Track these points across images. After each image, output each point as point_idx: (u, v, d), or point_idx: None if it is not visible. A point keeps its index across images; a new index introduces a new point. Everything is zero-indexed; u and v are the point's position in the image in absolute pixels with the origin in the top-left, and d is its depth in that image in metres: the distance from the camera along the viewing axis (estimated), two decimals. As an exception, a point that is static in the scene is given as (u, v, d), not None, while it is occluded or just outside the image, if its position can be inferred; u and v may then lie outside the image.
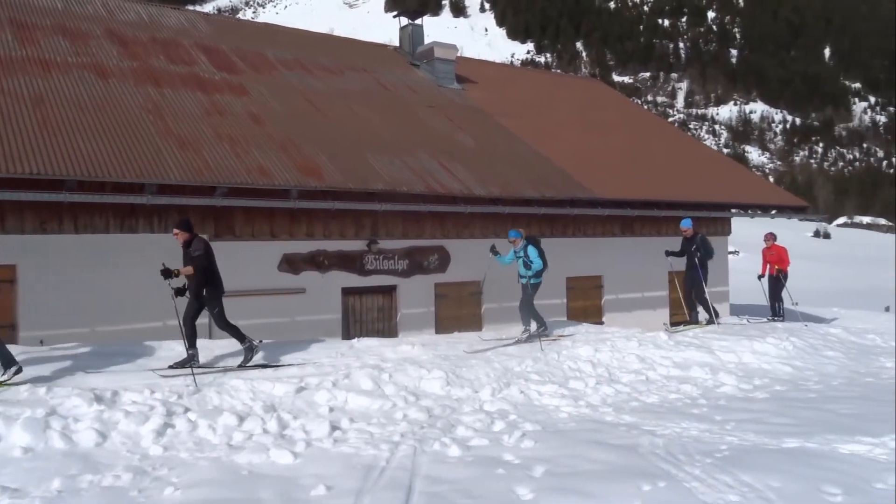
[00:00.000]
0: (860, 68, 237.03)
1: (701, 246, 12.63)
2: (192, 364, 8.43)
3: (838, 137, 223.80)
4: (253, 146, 11.10)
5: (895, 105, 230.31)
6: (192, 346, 8.58)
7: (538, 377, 9.56)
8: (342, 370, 8.86)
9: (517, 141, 15.73)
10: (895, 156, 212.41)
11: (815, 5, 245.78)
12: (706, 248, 12.70)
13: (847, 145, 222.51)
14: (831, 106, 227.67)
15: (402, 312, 12.76)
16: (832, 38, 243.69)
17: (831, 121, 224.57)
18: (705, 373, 10.42)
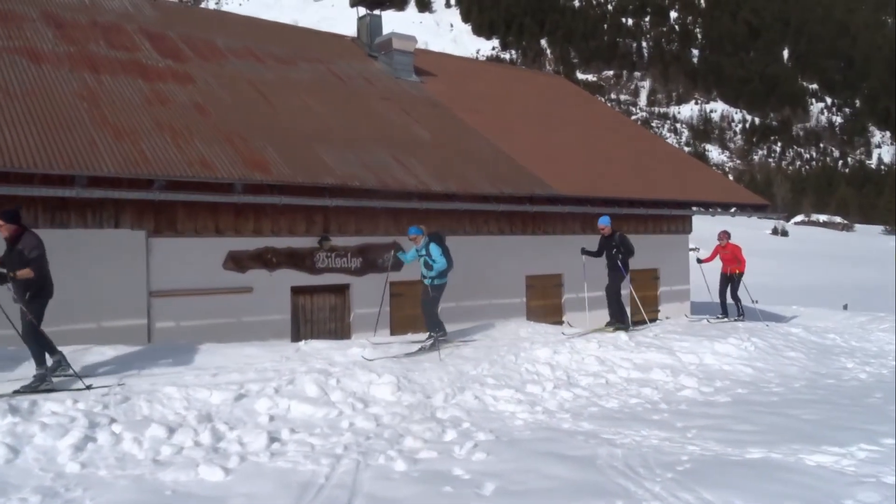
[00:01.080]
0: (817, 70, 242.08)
1: (620, 244, 12.23)
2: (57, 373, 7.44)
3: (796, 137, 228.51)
4: (196, 137, 10.49)
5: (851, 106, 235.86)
6: (54, 352, 7.53)
7: (494, 381, 9.17)
8: (286, 375, 8.35)
9: (476, 136, 15.31)
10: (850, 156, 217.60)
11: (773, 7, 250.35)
12: (626, 246, 12.27)
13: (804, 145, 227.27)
14: (789, 106, 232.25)
15: (356, 312, 12.26)
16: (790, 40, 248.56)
17: (789, 120, 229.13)
18: (666, 375, 10.15)
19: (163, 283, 10.27)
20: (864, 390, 9.80)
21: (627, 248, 12.31)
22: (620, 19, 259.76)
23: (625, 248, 12.27)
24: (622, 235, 12.39)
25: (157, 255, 10.25)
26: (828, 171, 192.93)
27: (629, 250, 12.33)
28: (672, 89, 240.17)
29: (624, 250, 12.26)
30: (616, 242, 12.24)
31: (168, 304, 10.30)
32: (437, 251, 10.08)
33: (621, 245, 12.24)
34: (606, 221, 12.39)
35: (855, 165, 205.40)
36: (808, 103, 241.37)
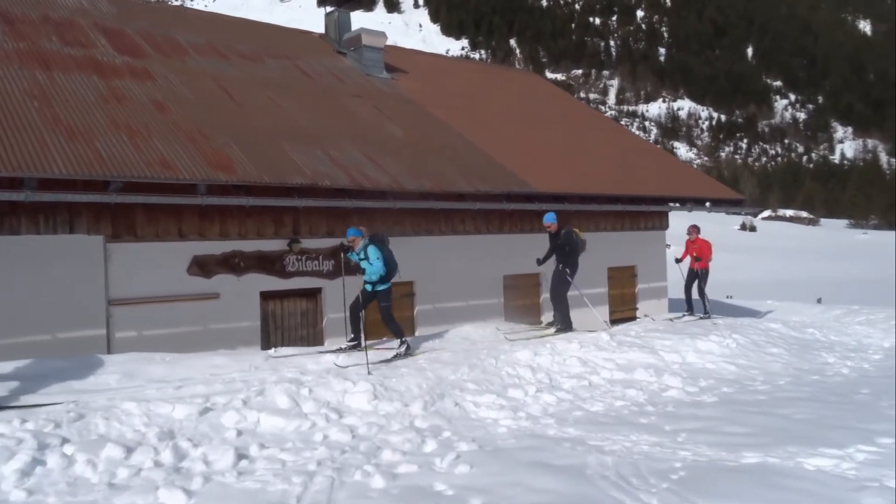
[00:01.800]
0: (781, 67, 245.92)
1: (566, 242, 11.49)
2: None
3: (761, 133, 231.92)
4: (155, 136, 9.96)
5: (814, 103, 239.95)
6: None
7: (475, 386, 8.80)
8: (255, 386, 7.88)
9: (450, 132, 14.94)
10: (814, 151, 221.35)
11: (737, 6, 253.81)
12: (571, 244, 11.52)
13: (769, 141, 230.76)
14: (754, 103, 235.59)
15: (329, 317, 11.81)
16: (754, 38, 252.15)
17: (754, 117, 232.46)
18: (650, 375, 9.87)
19: (123, 290, 9.74)
20: (850, 386, 9.62)
21: (572, 246, 11.54)
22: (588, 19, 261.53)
23: (570, 247, 11.51)
24: (568, 232, 11.57)
25: (115, 261, 9.71)
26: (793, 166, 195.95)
27: (574, 248, 11.56)
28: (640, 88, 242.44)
29: (569, 249, 11.51)
30: (562, 241, 11.54)
31: (129, 313, 9.77)
32: (374, 254, 9.35)
33: (566, 244, 11.50)
34: (551, 218, 11.73)
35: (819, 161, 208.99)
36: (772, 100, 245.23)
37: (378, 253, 9.39)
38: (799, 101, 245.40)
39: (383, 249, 9.52)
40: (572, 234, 11.56)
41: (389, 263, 9.60)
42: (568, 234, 11.53)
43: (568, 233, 11.54)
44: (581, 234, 11.72)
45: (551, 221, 11.69)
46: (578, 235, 11.67)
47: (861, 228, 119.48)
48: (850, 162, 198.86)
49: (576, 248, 11.57)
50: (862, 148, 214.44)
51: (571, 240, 11.49)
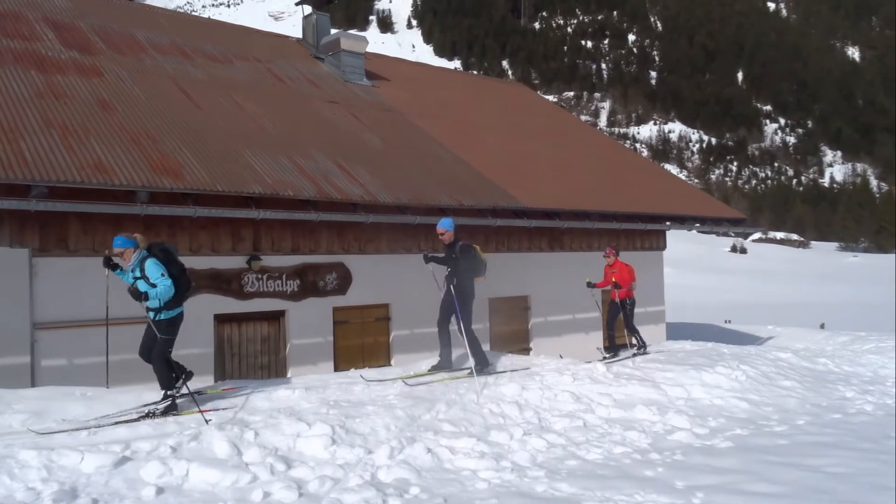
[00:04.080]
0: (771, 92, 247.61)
1: (461, 257, 9.08)
2: None
3: (751, 157, 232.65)
4: (93, 137, 8.78)
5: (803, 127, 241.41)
6: None
7: (452, 427, 7.59)
8: (190, 428, 6.64)
9: (433, 143, 13.82)
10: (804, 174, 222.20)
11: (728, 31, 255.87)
12: (467, 262, 9.08)
13: (759, 164, 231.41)
14: (744, 126, 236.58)
15: (293, 343, 10.58)
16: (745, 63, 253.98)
17: (745, 141, 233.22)
18: (652, 413, 8.69)
19: (51, 312, 8.50)
20: (879, 428, 8.44)
21: (468, 264, 9.09)
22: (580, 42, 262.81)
23: (465, 265, 9.06)
24: (466, 246, 9.17)
25: (43, 277, 8.48)
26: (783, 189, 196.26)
27: (470, 268, 9.14)
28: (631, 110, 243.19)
29: (463, 267, 9.06)
30: (456, 255, 9.12)
31: (57, 339, 8.52)
32: (155, 270, 6.98)
33: (461, 258, 9.07)
34: (446, 225, 9.28)
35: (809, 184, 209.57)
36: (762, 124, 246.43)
37: (161, 268, 7.02)
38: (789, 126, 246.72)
39: (171, 264, 7.21)
40: (470, 252, 9.21)
41: (180, 282, 7.27)
42: (465, 249, 9.15)
43: (464, 248, 9.16)
44: (483, 254, 9.47)
45: (446, 228, 9.24)
46: (479, 255, 9.36)
47: (851, 251, 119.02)
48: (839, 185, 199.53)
49: (472, 268, 9.18)
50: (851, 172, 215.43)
51: (467, 256, 9.11)
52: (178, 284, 7.22)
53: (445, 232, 9.28)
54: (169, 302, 7.19)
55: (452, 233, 9.30)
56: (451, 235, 9.30)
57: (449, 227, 9.33)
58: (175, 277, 7.17)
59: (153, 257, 7.11)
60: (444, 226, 9.33)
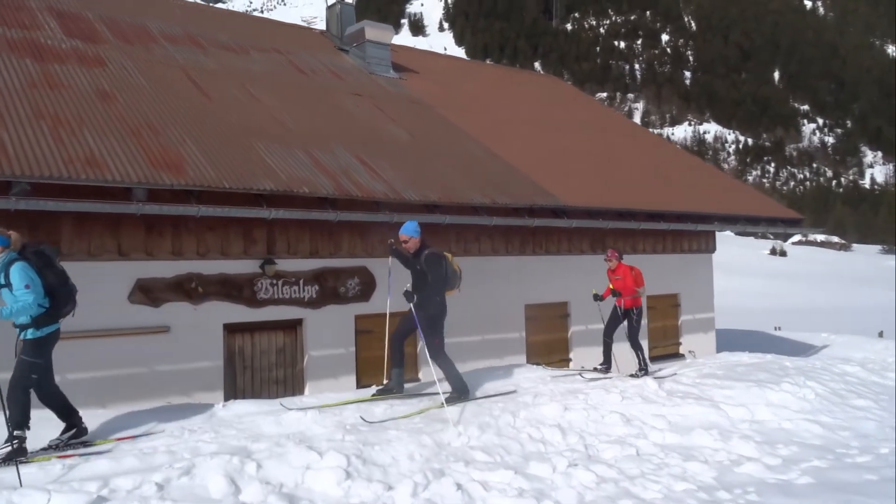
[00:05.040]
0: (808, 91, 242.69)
1: (427, 269, 7.68)
2: None
3: (789, 157, 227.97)
4: (88, 128, 7.95)
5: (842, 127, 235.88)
6: None
7: (485, 457, 6.59)
8: (183, 460, 5.73)
9: (464, 137, 12.83)
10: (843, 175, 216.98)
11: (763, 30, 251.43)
12: (436, 272, 7.70)
13: (797, 165, 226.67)
14: (781, 127, 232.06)
15: (311, 355, 9.66)
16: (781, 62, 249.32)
17: (782, 141, 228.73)
18: (713, 439, 7.58)
19: (41, 322, 7.67)
20: (979, 458, 7.22)
21: (435, 275, 7.68)
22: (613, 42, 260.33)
23: (432, 276, 7.66)
24: (432, 256, 7.74)
25: (33, 284, 7.65)
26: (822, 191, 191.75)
27: (438, 280, 7.72)
28: (665, 111, 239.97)
29: (431, 279, 7.67)
30: (421, 265, 7.75)
31: (49, 351, 7.68)
32: (21, 277, 5.61)
33: (427, 272, 7.68)
34: (410, 230, 7.84)
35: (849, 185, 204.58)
36: (799, 124, 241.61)
37: (28, 277, 5.63)
38: (827, 125, 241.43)
39: (47, 271, 5.86)
40: (437, 261, 7.77)
41: (58, 294, 5.91)
42: (431, 259, 7.70)
43: (431, 257, 7.71)
44: (455, 264, 8.07)
45: (409, 234, 7.81)
46: (450, 264, 7.98)
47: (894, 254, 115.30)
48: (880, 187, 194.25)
49: (440, 280, 7.77)
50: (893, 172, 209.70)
51: (434, 267, 7.69)
52: (54, 297, 5.87)
53: (409, 239, 7.80)
54: (40, 317, 5.80)
55: (418, 239, 7.85)
56: (416, 243, 7.85)
57: (413, 232, 7.84)
58: (51, 288, 5.84)
59: (23, 261, 5.70)
60: (407, 231, 7.82)
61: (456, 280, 8.07)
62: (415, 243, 7.84)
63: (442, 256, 7.92)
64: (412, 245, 7.84)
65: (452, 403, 7.72)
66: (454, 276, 8.04)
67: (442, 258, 7.89)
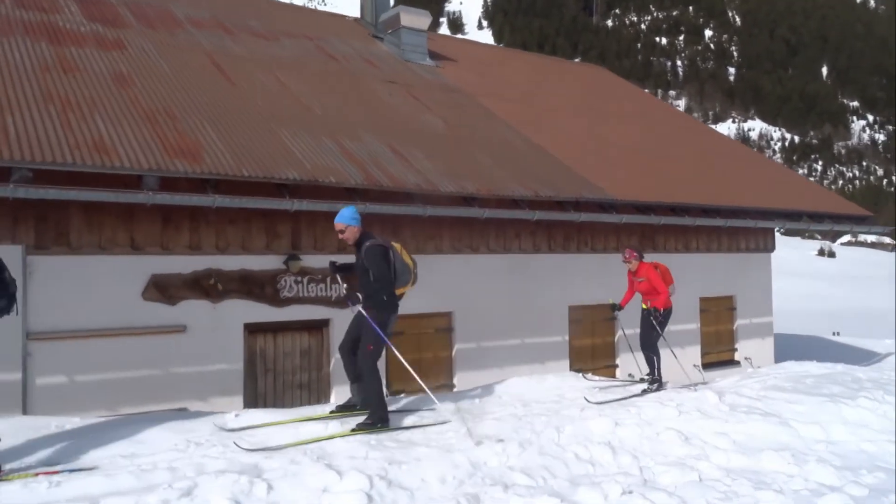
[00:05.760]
0: (858, 87, 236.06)
1: (369, 263, 6.35)
2: None
3: (837, 155, 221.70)
4: (99, 113, 7.40)
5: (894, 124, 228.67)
6: None
7: (527, 479, 5.81)
8: (185, 478, 5.07)
9: (503, 127, 12.05)
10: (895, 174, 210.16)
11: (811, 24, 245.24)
12: (380, 266, 6.33)
13: (846, 163, 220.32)
14: (829, 124, 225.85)
15: (338, 358, 8.97)
16: (829, 57, 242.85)
17: (830, 138, 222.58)
18: (786, 463, 6.65)
19: (48, 320, 7.13)
20: None
21: (379, 271, 6.32)
22: (654, 38, 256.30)
23: (375, 273, 6.33)
24: (374, 249, 6.37)
25: (39, 279, 7.12)
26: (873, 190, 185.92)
27: (382, 276, 6.34)
28: (708, 108, 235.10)
29: (374, 276, 6.33)
30: (362, 261, 6.46)
31: (56, 352, 7.15)
32: None
33: (370, 266, 6.36)
34: (345, 218, 6.43)
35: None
36: (849, 121, 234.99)
37: None
38: (877, 122, 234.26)
39: None
40: (381, 253, 6.40)
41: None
42: (373, 252, 6.35)
43: (372, 250, 6.36)
44: (406, 256, 6.73)
45: (345, 223, 6.42)
46: (400, 257, 6.65)
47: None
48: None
49: (386, 276, 6.39)
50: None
51: (377, 261, 6.33)
52: None
53: (346, 228, 6.39)
54: None
55: (357, 228, 6.45)
56: (354, 232, 6.45)
57: (350, 220, 6.41)
58: None
59: None
60: (342, 219, 6.39)
61: (409, 275, 6.66)
62: (353, 233, 6.43)
63: (387, 247, 6.51)
64: (350, 235, 6.44)
65: (363, 432, 6.25)
66: (406, 270, 6.63)
67: (387, 249, 6.49)
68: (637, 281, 9.05)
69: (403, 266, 6.63)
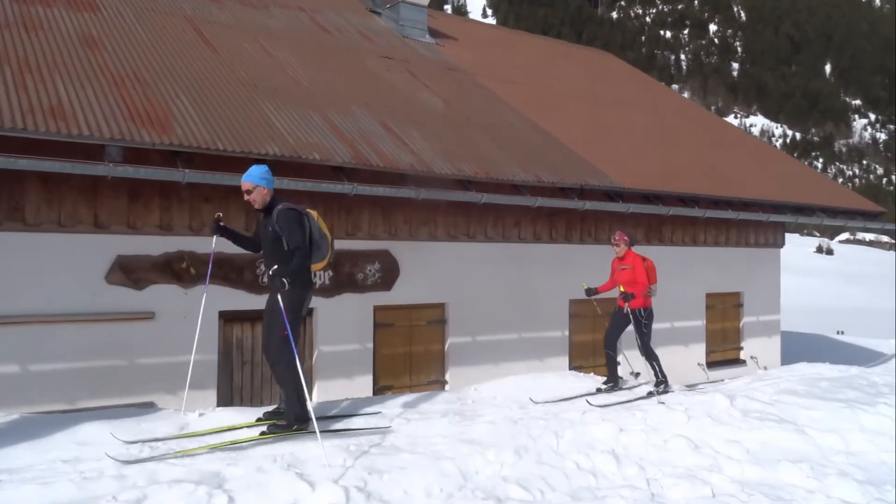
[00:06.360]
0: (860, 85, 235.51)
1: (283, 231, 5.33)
2: None
3: (838, 153, 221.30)
4: (61, 76, 6.72)
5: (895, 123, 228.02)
6: None
7: (522, 493, 5.22)
8: (135, 486, 4.46)
9: (505, 108, 11.39)
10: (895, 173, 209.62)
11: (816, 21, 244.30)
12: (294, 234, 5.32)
13: (847, 161, 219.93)
14: (831, 122, 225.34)
15: (321, 350, 8.37)
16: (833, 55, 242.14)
17: (831, 136, 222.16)
18: (805, 476, 6.04)
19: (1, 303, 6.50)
20: None
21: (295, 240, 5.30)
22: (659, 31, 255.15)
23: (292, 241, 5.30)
24: (288, 212, 5.37)
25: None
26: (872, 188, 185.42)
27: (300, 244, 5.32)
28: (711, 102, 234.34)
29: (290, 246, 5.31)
30: (273, 226, 5.41)
31: (7, 338, 6.51)
32: None
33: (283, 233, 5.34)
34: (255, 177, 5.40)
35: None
36: (850, 119, 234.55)
37: None
38: (879, 121, 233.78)
39: None
40: (297, 219, 5.39)
41: None
42: (287, 216, 5.35)
43: (286, 214, 5.35)
44: (324, 225, 5.70)
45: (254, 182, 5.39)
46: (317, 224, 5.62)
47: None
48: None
49: (303, 245, 5.36)
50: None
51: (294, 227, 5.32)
52: None
53: (254, 188, 5.37)
54: None
55: (268, 191, 5.43)
56: (263, 195, 5.42)
57: (260, 179, 5.40)
58: None
59: None
60: (250, 178, 5.38)
61: (326, 248, 5.65)
62: (262, 195, 5.41)
63: (304, 213, 5.49)
64: (258, 198, 5.41)
65: (277, 434, 5.42)
66: (324, 242, 5.62)
67: (303, 215, 5.47)
68: (620, 268, 8.16)
69: (321, 237, 5.62)
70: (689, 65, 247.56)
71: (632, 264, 8.07)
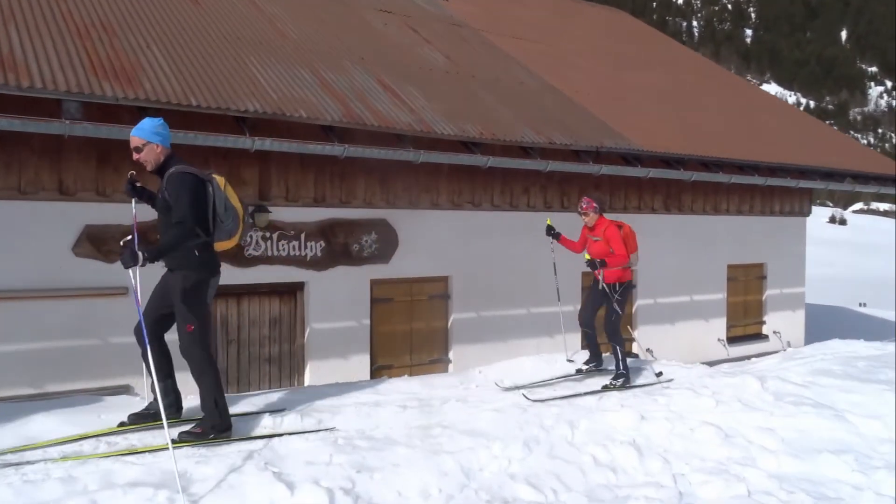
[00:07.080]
0: (877, 52, 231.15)
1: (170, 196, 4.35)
2: None
3: (853, 121, 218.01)
4: (17, 25, 6.01)
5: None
6: None
7: (532, 491, 4.60)
8: (84, 492, 3.85)
9: (514, 65, 10.59)
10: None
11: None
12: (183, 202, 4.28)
13: (862, 130, 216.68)
14: (846, 89, 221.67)
15: (314, 328, 7.72)
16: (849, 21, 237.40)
17: (846, 104, 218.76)
18: (850, 469, 5.37)
19: (-48, 278, 5.87)
20: None
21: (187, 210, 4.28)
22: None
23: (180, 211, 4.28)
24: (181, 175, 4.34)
25: (-59, 229, 5.84)
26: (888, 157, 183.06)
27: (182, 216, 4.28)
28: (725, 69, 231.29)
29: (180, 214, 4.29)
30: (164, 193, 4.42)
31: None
32: None
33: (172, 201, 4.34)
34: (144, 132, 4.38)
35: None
36: (866, 86, 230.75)
37: None
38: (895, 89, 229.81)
39: None
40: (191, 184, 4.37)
41: None
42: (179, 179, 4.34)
43: (179, 177, 4.35)
44: (234, 196, 4.65)
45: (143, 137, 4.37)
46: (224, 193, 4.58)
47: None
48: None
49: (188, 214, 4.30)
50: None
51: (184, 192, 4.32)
52: None
53: (144, 144, 4.36)
54: None
55: (162, 148, 4.42)
56: (155, 153, 4.40)
57: (149, 134, 4.37)
58: None
59: None
60: (139, 132, 4.38)
61: (234, 224, 4.60)
62: (153, 154, 4.39)
63: (204, 179, 4.48)
64: (149, 157, 4.38)
65: (188, 444, 4.50)
66: (232, 215, 4.58)
67: (202, 181, 4.45)
68: (592, 240, 7.01)
69: (228, 209, 4.55)
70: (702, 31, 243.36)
71: (604, 235, 6.89)
